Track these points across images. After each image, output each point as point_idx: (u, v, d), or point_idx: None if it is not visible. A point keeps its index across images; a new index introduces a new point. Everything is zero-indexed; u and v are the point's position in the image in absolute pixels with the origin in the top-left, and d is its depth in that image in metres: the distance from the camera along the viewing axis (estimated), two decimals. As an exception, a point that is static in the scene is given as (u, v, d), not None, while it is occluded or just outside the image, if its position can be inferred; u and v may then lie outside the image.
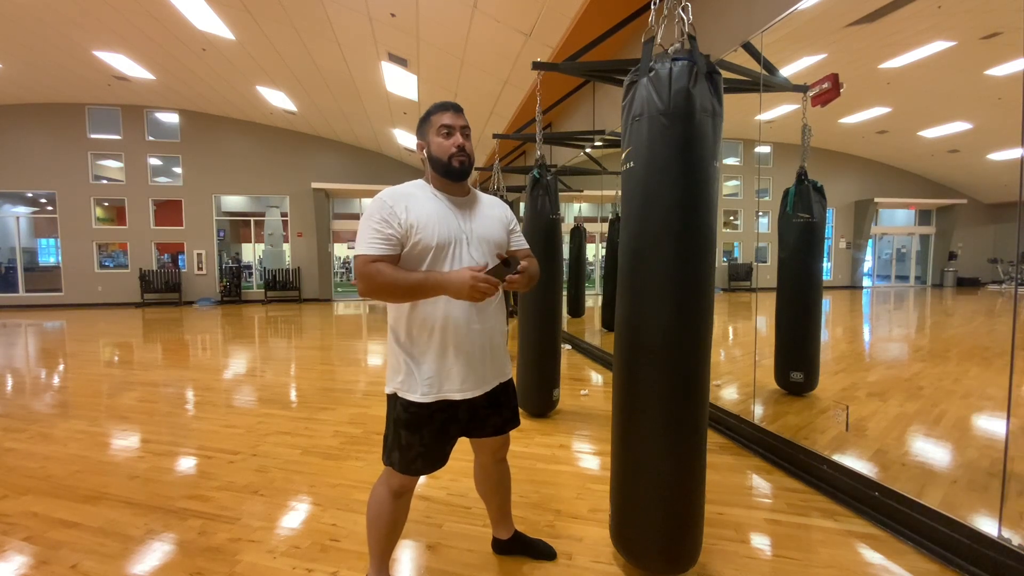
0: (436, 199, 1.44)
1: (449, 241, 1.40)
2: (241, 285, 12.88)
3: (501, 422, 1.56)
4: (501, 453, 1.67)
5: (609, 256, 6.90)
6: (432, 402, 1.41)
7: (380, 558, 1.55)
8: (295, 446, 2.94)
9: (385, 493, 1.49)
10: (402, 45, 6.31)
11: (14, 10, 7.00)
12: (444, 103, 1.46)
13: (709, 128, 1.49)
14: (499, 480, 1.72)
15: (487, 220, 1.51)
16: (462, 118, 1.45)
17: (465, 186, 1.51)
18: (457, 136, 1.42)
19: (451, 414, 1.44)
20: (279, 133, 12.67)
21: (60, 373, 5.07)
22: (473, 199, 1.53)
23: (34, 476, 2.53)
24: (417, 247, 1.37)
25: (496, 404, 1.54)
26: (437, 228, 1.39)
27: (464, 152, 1.42)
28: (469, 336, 1.42)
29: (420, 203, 1.41)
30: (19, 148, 11.61)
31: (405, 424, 1.41)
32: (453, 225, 1.42)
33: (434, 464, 1.45)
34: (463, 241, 1.42)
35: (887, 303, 8.02)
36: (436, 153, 1.43)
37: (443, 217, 1.41)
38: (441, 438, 1.44)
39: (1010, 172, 1.70)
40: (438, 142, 1.42)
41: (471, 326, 1.42)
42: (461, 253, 1.41)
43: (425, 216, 1.38)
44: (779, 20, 2.48)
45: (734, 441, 2.95)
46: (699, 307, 1.53)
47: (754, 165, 7.92)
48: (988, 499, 2.08)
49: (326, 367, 5.25)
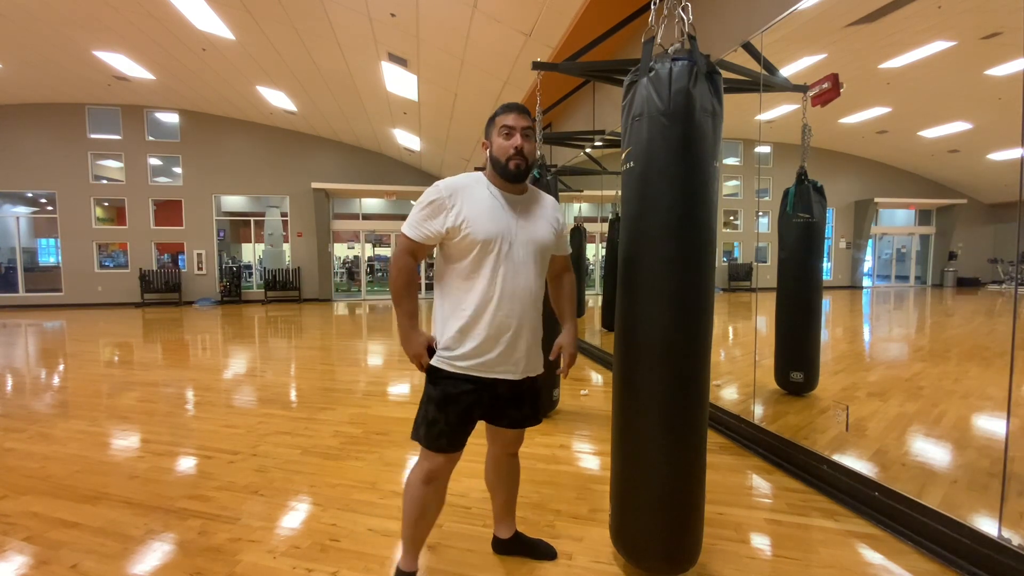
0: (490, 194, 1.47)
1: (496, 238, 1.43)
2: (241, 285, 12.89)
3: (520, 416, 1.60)
4: (512, 448, 1.69)
5: (609, 256, 6.90)
6: (460, 375, 1.46)
7: (408, 545, 1.58)
8: (295, 446, 2.94)
9: (416, 479, 1.53)
10: (402, 45, 6.31)
11: (14, 10, 7.00)
12: (510, 104, 1.48)
13: (709, 128, 1.49)
14: (508, 473, 1.74)
15: (538, 222, 1.52)
16: (525, 119, 1.46)
17: (523, 185, 1.53)
18: (516, 137, 1.44)
19: (477, 397, 1.48)
20: (279, 133, 12.67)
21: (60, 373, 5.06)
22: (530, 197, 1.55)
23: (34, 476, 2.53)
24: (466, 240, 1.42)
25: (518, 397, 1.57)
26: (486, 224, 1.42)
27: (521, 154, 1.44)
28: (506, 322, 1.46)
29: (474, 197, 1.45)
30: (19, 148, 11.60)
31: (436, 401, 1.47)
32: (503, 223, 1.44)
33: (454, 444, 1.49)
34: (510, 240, 1.45)
35: (887, 303, 8.02)
36: (496, 154, 1.46)
37: (494, 214, 1.44)
38: (464, 419, 1.48)
39: (1010, 172, 1.70)
40: (499, 143, 1.45)
41: (509, 315, 1.45)
42: (507, 251, 1.44)
43: (477, 211, 1.43)
44: (779, 20, 2.48)
45: (734, 441, 2.95)
46: (699, 307, 1.53)
47: (754, 165, 7.91)
48: (988, 499, 2.08)
49: (326, 367, 5.25)
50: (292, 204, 12.84)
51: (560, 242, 1.63)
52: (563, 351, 1.64)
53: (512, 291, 1.45)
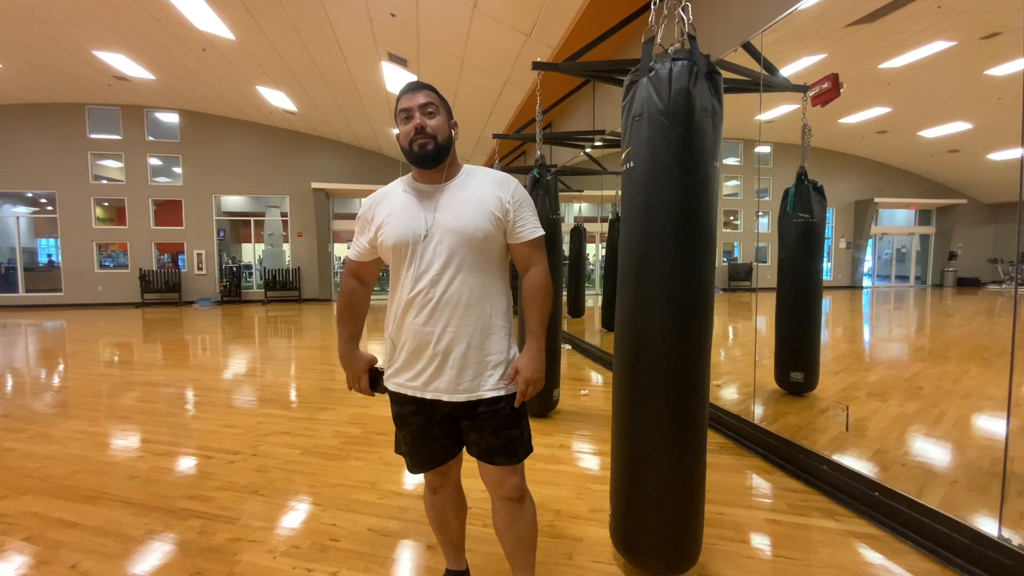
0: (406, 192, 1.32)
1: (406, 241, 1.26)
2: (241, 285, 12.89)
3: (485, 446, 1.31)
4: (502, 490, 1.34)
5: (609, 256, 6.90)
6: (399, 393, 1.34)
7: (443, 549, 1.59)
8: (295, 446, 2.94)
9: (425, 489, 1.51)
10: (402, 45, 6.31)
11: (14, 10, 7.00)
12: (404, 85, 1.30)
13: (709, 128, 1.49)
14: (506, 525, 1.39)
15: (464, 207, 1.27)
16: (421, 94, 1.26)
17: (444, 171, 1.31)
18: (416, 118, 1.25)
19: (428, 417, 1.34)
20: (279, 133, 12.67)
21: (60, 373, 5.06)
22: (461, 183, 1.32)
23: (34, 476, 2.53)
24: (383, 247, 1.32)
25: (474, 421, 1.30)
26: (395, 228, 1.27)
27: (424, 133, 1.24)
28: (426, 332, 1.27)
29: (390, 200, 1.33)
30: (19, 148, 11.60)
31: (393, 420, 1.43)
32: (413, 222, 1.27)
33: (421, 464, 1.39)
34: (424, 239, 1.25)
35: (887, 303, 8.01)
36: (401, 142, 1.29)
37: (406, 214, 1.28)
38: (423, 439, 1.36)
39: (1010, 172, 1.70)
40: (402, 130, 1.28)
41: (428, 324, 1.26)
42: (422, 252, 1.25)
43: (389, 214, 1.30)
44: (779, 20, 2.47)
45: (734, 441, 2.95)
46: (699, 307, 1.53)
47: (754, 165, 7.91)
48: (988, 499, 2.08)
49: (326, 367, 5.24)
50: (292, 204, 12.84)
51: (512, 226, 1.31)
52: (518, 375, 1.30)
53: (430, 296, 1.25)
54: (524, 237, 1.32)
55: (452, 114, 1.34)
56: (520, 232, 1.32)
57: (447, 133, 1.29)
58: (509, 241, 1.33)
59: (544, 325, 1.35)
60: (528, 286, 1.35)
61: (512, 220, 1.31)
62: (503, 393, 1.30)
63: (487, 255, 1.29)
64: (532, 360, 1.30)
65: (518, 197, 1.32)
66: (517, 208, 1.31)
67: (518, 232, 1.32)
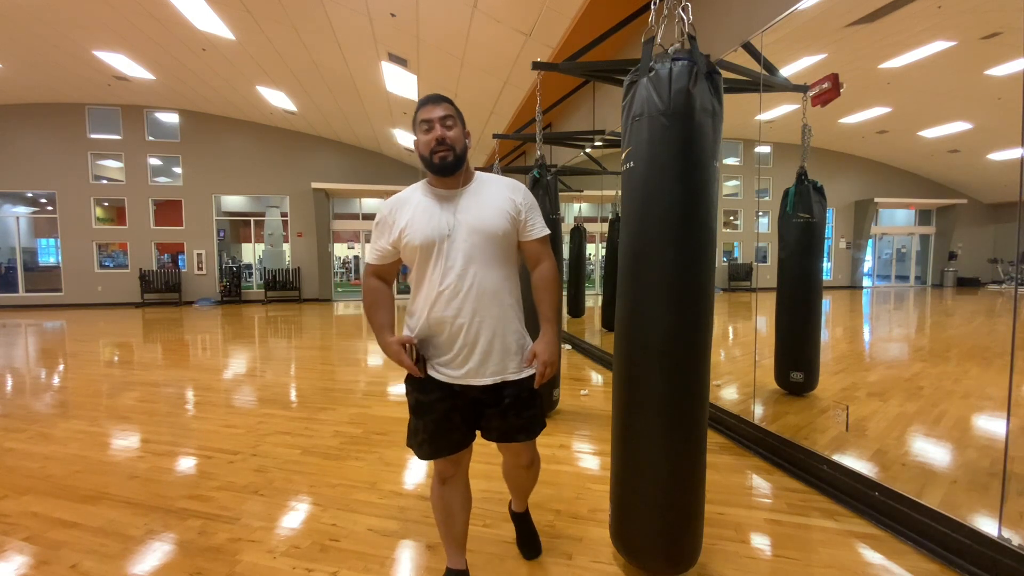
0: (426, 197, 1.44)
1: (432, 240, 1.38)
2: (241, 285, 12.89)
3: (506, 428, 1.47)
4: (522, 459, 1.60)
5: (609, 256, 6.90)
6: (425, 381, 1.43)
7: (445, 544, 1.59)
8: (295, 446, 2.94)
9: (433, 481, 1.54)
10: (402, 45, 6.31)
11: (14, 10, 7.00)
12: (424, 97, 1.42)
13: (709, 128, 1.49)
14: (515, 479, 1.73)
15: (484, 209, 1.42)
16: (440, 107, 1.39)
17: (460, 177, 1.45)
18: (436, 129, 1.37)
19: (451, 404, 1.43)
20: (279, 133, 12.67)
21: (60, 373, 5.06)
22: (477, 187, 1.46)
23: (34, 476, 2.53)
24: (408, 248, 1.41)
25: (499, 405, 1.45)
26: (421, 228, 1.39)
27: (444, 145, 1.37)
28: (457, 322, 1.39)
29: (411, 204, 1.43)
30: (19, 148, 11.61)
31: (412, 409, 1.48)
32: (437, 222, 1.39)
33: (439, 450, 1.46)
34: (448, 237, 1.38)
35: (887, 303, 8.01)
36: (421, 151, 1.41)
37: (429, 215, 1.40)
38: (444, 426, 1.44)
39: (1010, 172, 1.70)
40: (422, 140, 1.40)
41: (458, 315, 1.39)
42: (448, 248, 1.38)
43: (413, 217, 1.41)
44: (779, 20, 2.48)
45: (734, 441, 2.95)
46: (699, 307, 1.53)
47: (754, 165, 7.91)
48: (988, 499, 2.08)
49: (326, 367, 5.25)
50: (292, 204, 12.84)
51: (524, 225, 1.48)
52: (536, 358, 1.45)
53: (459, 288, 1.38)
54: (534, 235, 1.50)
55: (466, 124, 1.46)
56: (531, 231, 1.49)
57: (463, 144, 1.43)
58: (520, 239, 1.49)
59: (556, 313, 1.53)
60: (539, 278, 1.53)
61: (523, 220, 1.48)
62: (524, 376, 1.47)
63: (505, 250, 1.45)
64: (548, 344, 1.47)
65: (528, 200, 1.49)
66: (528, 210, 1.49)
67: (529, 231, 1.49)
